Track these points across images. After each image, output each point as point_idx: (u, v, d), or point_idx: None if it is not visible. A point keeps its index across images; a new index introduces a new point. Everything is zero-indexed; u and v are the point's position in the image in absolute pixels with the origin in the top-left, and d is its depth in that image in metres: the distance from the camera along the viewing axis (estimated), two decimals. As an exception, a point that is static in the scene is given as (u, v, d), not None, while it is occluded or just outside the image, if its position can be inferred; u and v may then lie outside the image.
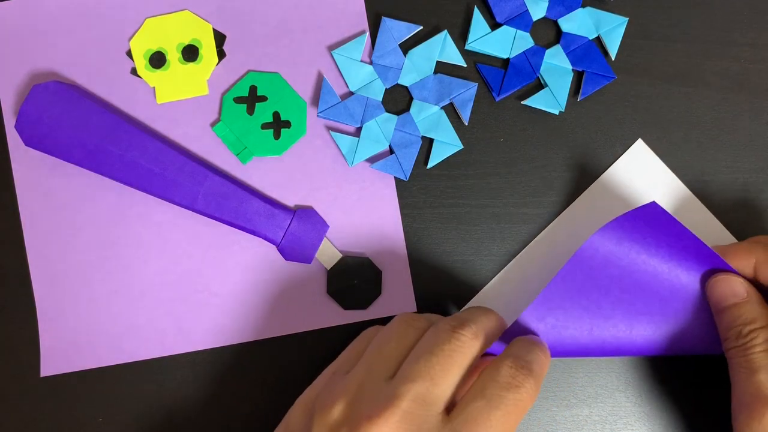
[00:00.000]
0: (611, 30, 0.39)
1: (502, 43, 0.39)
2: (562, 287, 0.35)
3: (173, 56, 0.39)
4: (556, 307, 0.35)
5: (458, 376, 0.30)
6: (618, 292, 0.35)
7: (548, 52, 0.39)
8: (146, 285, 0.38)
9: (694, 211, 0.39)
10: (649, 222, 0.35)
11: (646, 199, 0.38)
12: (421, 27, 0.39)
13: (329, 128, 0.39)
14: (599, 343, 0.35)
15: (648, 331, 0.35)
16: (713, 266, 0.35)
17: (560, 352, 0.35)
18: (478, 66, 0.39)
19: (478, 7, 0.39)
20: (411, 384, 0.29)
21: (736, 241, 0.38)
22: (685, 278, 0.35)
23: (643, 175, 0.39)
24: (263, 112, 0.38)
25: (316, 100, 0.39)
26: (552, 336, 0.35)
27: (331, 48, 0.39)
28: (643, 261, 0.35)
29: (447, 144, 0.38)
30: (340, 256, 0.38)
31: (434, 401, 0.29)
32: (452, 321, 0.32)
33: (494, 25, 0.39)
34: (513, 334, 0.34)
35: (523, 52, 0.39)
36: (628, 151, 0.39)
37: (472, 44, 0.39)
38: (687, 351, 0.36)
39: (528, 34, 0.39)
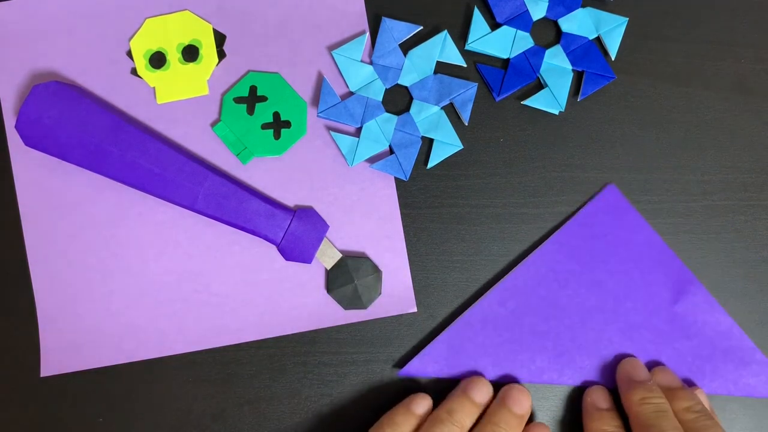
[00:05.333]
0: (611, 30, 0.39)
1: (502, 43, 0.39)
2: (526, 276, 0.39)
3: (173, 56, 0.39)
4: (517, 294, 0.38)
5: None
6: (575, 286, 0.39)
7: (548, 52, 0.39)
8: (146, 285, 0.38)
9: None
10: (609, 212, 0.39)
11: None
12: (421, 27, 0.39)
13: (329, 128, 0.39)
14: (553, 336, 0.38)
15: (597, 327, 0.39)
16: (663, 261, 0.39)
17: (519, 340, 0.38)
18: (478, 66, 0.39)
19: (478, 7, 0.39)
20: None
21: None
22: (639, 280, 0.39)
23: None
24: (263, 112, 0.38)
25: (316, 100, 0.39)
26: (511, 321, 0.38)
27: (331, 48, 0.39)
28: (602, 260, 0.39)
29: (447, 144, 0.38)
30: (340, 256, 0.38)
31: None
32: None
33: (494, 25, 0.39)
34: (475, 315, 0.38)
35: (523, 52, 0.39)
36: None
37: (472, 44, 0.39)
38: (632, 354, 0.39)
39: (528, 34, 0.39)
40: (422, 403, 0.36)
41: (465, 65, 0.39)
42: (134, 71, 0.39)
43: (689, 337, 0.38)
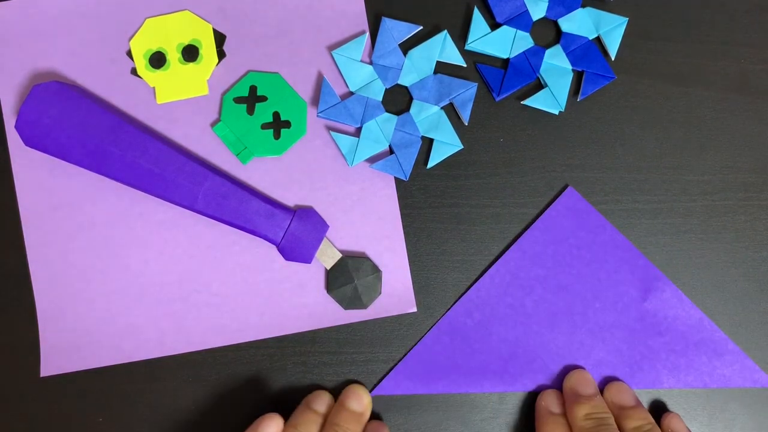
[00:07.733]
0: (611, 30, 0.39)
1: (502, 43, 0.39)
2: (489, 285, 0.39)
3: (173, 56, 0.39)
4: (483, 304, 0.38)
5: None
6: (541, 292, 0.38)
7: (548, 52, 0.39)
8: (146, 285, 0.38)
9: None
10: (570, 215, 0.38)
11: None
12: (421, 27, 0.39)
13: (329, 128, 0.39)
14: (523, 343, 0.38)
15: (566, 330, 0.38)
16: (628, 259, 0.38)
17: (489, 350, 0.38)
18: (478, 66, 0.39)
19: (478, 7, 0.39)
20: None
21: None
22: (605, 280, 0.38)
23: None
24: (263, 112, 0.38)
25: (316, 100, 0.39)
26: (479, 331, 0.38)
27: (331, 48, 0.39)
28: (567, 263, 0.38)
29: (447, 144, 0.38)
30: (340, 256, 0.38)
31: None
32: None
33: (494, 25, 0.39)
34: (443, 329, 0.38)
35: (523, 52, 0.39)
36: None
37: (472, 44, 0.39)
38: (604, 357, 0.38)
39: (528, 34, 0.39)
40: (321, 401, 0.37)
41: (465, 65, 0.39)
42: (134, 71, 0.39)
43: (661, 333, 0.38)
